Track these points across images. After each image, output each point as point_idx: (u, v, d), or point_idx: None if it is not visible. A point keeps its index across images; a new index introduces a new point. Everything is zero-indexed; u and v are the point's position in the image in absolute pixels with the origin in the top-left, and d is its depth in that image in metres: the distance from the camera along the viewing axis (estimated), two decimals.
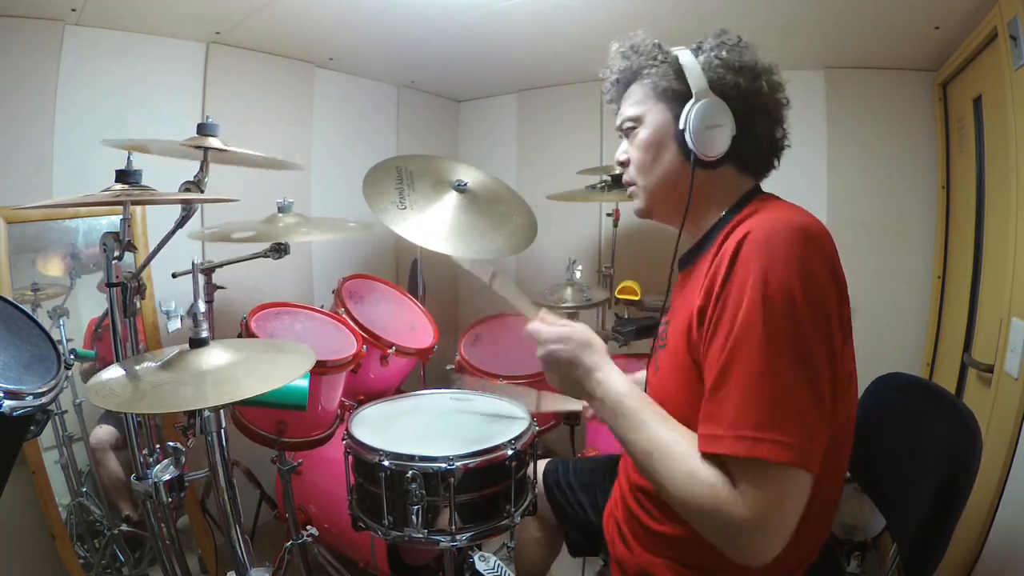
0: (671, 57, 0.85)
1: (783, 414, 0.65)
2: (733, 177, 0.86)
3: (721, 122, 0.80)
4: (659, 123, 0.86)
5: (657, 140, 0.86)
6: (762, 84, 0.82)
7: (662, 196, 0.89)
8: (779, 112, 0.85)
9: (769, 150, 0.87)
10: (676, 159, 0.85)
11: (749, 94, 0.82)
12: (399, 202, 1.79)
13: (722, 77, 0.81)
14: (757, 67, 0.83)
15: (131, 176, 1.00)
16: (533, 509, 1.16)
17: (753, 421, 0.65)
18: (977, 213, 1.63)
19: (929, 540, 0.86)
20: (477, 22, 1.78)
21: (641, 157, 0.89)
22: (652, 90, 0.86)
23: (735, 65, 0.82)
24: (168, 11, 1.63)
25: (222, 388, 0.85)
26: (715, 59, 0.82)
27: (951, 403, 0.96)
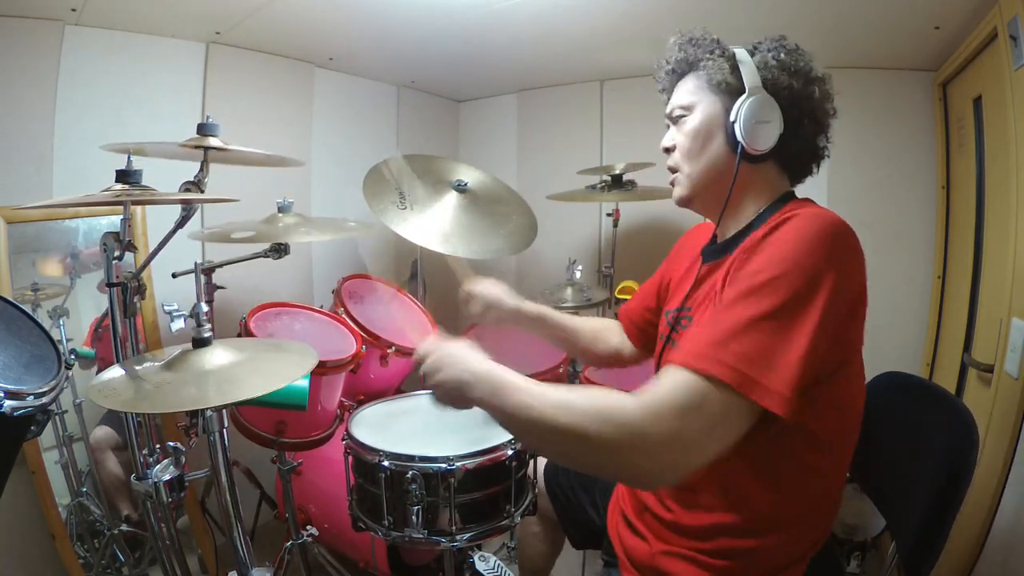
0: (728, 52, 0.88)
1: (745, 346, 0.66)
2: (773, 175, 0.89)
3: (770, 119, 0.83)
4: (710, 113, 0.88)
5: (706, 129, 0.88)
6: (814, 90, 0.85)
7: (704, 185, 0.90)
8: (826, 120, 0.88)
9: (811, 155, 0.90)
10: (723, 149, 0.87)
11: (800, 97, 0.84)
12: (399, 202, 1.79)
13: (776, 77, 0.84)
14: (811, 74, 0.86)
15: (131, 176, 1.00)
16: (533, 509, 1.16)
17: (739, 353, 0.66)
18: (977, 213, 1.63)
19: (927, 539, 0.86)
20: (477, 22, 1.78)
21: (688, 144, 0.90)
22: (707, 82, 0.88)
23: (790, 68, 0.84)
24: (168, 11, 1.63)
25: (224, 388, 0.85)
26: (771, 59, 0.85)
27: (950, 403, 0.96)
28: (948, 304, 1.85)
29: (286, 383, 0.85)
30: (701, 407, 0.65)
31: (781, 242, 0.72)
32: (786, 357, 0.66)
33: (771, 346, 0.66)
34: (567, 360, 1.81)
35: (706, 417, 0.66)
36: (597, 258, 2.51)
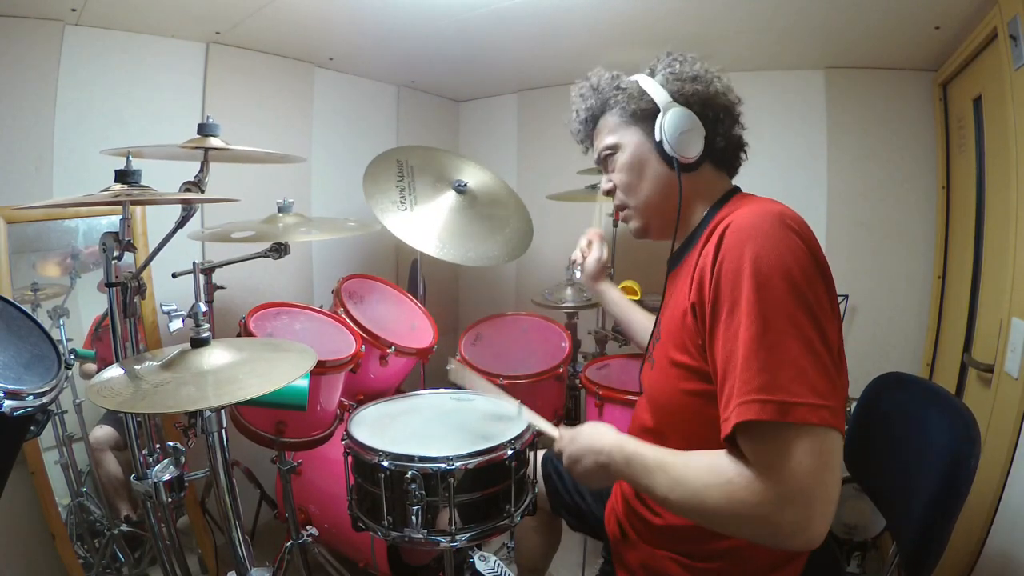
0: (631, 83, 0.94)
1: (786, 375, 0.65)
2: (711, 175, 0.93)
3: (691, 126, 0.88)
4: (636, 143, 0.93)
5: (638, 158, 0.93)
6: (715, 85, 0.90)
7: (655, 209, 0.95)
8: (735, 109, 0.93)
9: (736, 146, 0.94)
10: (661, 170, 0.92)
11: (707, 97, 0.89)
12: (399, 202, 1.79)
13: (681, 88, 0.89)
14: (708, 74, 0.91)
15: (131, 176, 1.00)
16: (533, 509, 1.16)
17: (755, 386, 0.66)
18: (977, 213, 1.63)
19: (928, 539, 0.86)
20: (477, 22, 1.78)
21: (626, 179, 0.95)
22: (621, 117, 0.94)
23: (689, 75, 0.90)
24: (168, 11, 1.63)
25: (223, 388, 0.85)
26: (670, 74, 0.90)
27: (951, 403, 0.96)
28: (948, 304, 1.85)
29: (285, 383, 0.85)
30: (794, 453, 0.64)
31: (731, 254, 0.72)
32: (798, 364, 0.66)
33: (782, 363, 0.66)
34: (567, 360, 1.81)
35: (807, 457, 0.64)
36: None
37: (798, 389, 0.64)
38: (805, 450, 0.63)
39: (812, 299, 0.69)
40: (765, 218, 0.73)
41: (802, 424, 0.63)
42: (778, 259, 0.69)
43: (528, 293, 2.41)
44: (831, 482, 0.64)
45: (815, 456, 0.63)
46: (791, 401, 0.64)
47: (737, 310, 0.70)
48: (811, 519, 0.63)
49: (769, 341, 0.66)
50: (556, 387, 1.80)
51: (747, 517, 0.67)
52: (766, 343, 0.66)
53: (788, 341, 0.66)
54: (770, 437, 0.65)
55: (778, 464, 0.64)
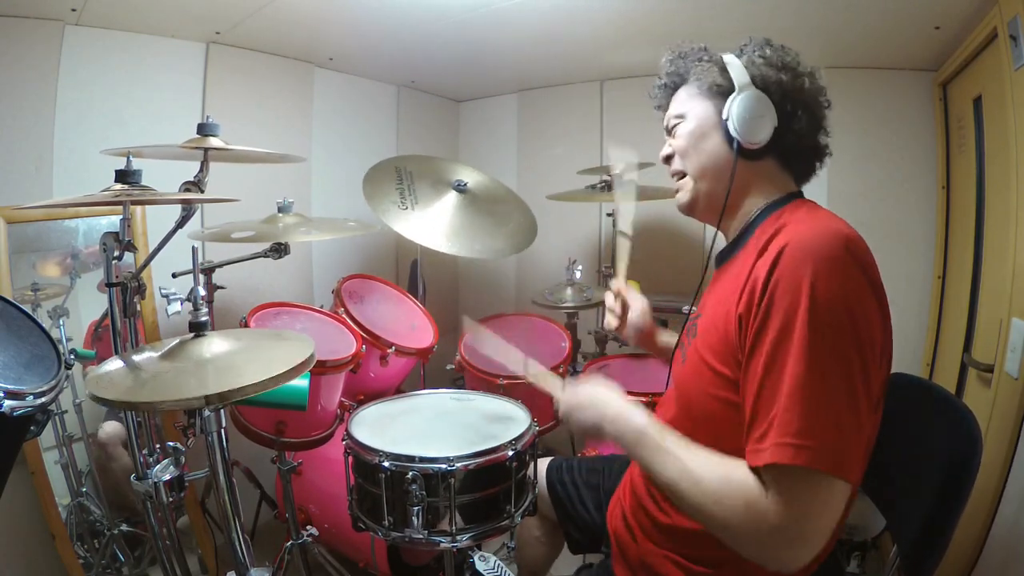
0: (716, 57, 0.90)
1: (824, 423, 0.66)
2: (774, 171, 0.88)
3: (763, 113, 0.83)
4: (703, 115, 0.89)
5: (701, 130, 0.89)
6: (804, 81, 0.85)
7: (705, 186, 0.91)
8: (820, 112, 0.87)
9: (811, 151, 0.89)
10: (720, 147, 0.88)
11: (791, 90, 0.84)
12: (400, 202, 1.79)
13: (764, 73, 0.84)
14: (799, 67, 0.86)
15: (131, 176, 1.00)
16: (533, 509, 1.16)
17: (795, 429, 0.66)
18: (977, 213, 1.63)
19: (929, 540, 0.86)
20: (477, 22, 1.78)
21: (685, 145, 0.91)
22: (698, 89, 0.90)
23: (777, 63, 0.85)
24: (168, 11, 1.63)
25: (223, 376, 0.84)
26: (758, 57, 0.86)
27: (951, 403, 0.96)
28: (948, 304, 1.85)
29: (284, 369, 0.84)
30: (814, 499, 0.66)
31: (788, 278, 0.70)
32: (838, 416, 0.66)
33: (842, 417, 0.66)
34: (567, 360, 1.81)
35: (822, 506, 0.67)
36: (597, 258, 2.51)
37: (831, 441, 0.65)
38: (823, 498, 0.66)
39: (867, 345, 0.68)
40: (829, 241, 0.70)
41: (827, 474, 0.65)
42: (839, 296, 0.67)
43: (528, 293, 2.41)
44: (830, 528, 0.68)
45: (829, 504, 0.67)
46: (824, 449, 0.65)
47: (787, 342, 0.68)
48: (802, 558, 0.68)
49: (816, 387, 0.66)
50: None
51: (748, 537, 0.69)
52: (812, 388, 0.66)
53: (835, 392, 0.67)
54: (796, 478, 0.66)
55: (796, 505, 0.66)
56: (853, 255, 0.70)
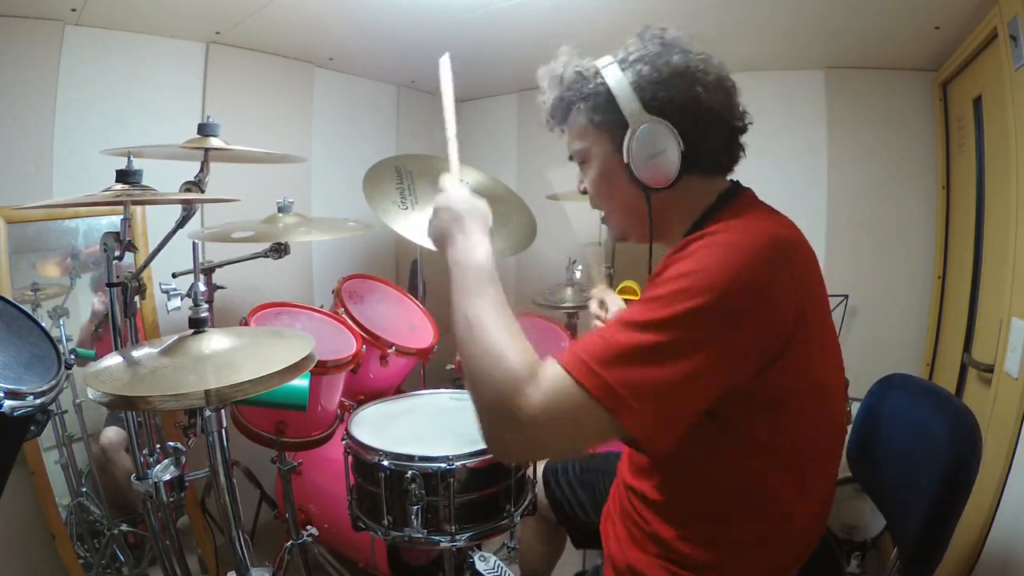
0: (598, 83, 0.79)
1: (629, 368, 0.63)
2: (698, 185, 0.81)
3: (664, 146, 0.75)
4: (604, 155, 0.82)
5: (606, 175, 0.84)
6: (698, 90, 0.75)
7: (628, 222, 0.88)
8: (727, 103, 0.79)
9: (728, 144, 0.82)
10: (630, 189, 0.80)
11: (687, 104, 0.75)
12: (400, 202, 1.79)
13: (655, 94, 0.75)
14: (688, 70, 0.76)
15: (131, 176, 1.00)
16: (533, 509, 1.16)
17: (600, 356, 0.64)
18: (977, 213, 1.63)
19: (929, 540, 0.86)
20: (477, 22, 1.78)
21: (596, 191, 0.87)
22: (589, 122, 0.82)
23: (663, 76, 0.76)
24: (168, 11, 1.63)
25: (223, 372, 0.84)
26: (643, 73, 0.76)
27: (951, 403, 0.95)
28: (948, 304, 1.85)
29: (284, 366, 0.84)
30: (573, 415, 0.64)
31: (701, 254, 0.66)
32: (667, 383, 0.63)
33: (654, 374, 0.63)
34: None
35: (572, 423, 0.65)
36: (597, 258, 2.51)
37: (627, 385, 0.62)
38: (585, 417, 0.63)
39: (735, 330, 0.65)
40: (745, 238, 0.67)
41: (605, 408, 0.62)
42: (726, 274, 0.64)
43: (528, 293, 2.41)
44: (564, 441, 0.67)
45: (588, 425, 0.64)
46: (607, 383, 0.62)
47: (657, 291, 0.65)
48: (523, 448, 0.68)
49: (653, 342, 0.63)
50: None
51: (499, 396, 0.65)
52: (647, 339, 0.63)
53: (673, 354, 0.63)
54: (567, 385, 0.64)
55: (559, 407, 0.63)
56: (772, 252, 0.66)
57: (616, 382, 0.62)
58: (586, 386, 0.63)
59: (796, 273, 0.69)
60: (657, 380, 0.63)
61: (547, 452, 0.67)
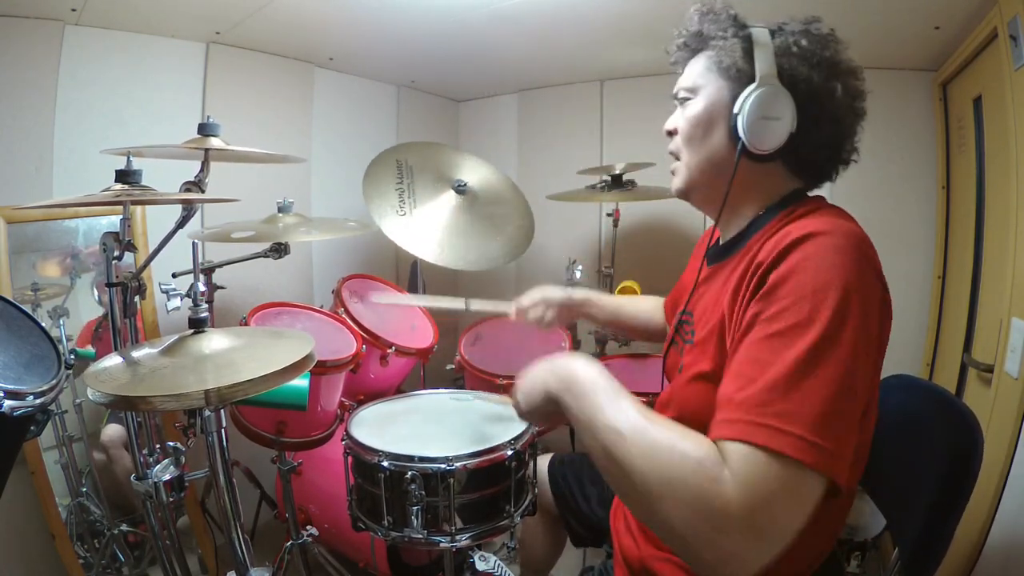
0: (745, 32, 0.78)
1: (813, 411, 0.58)
2: (781, 176, 0.80)
3: (780, 115, 0.73)
4: (715, 100, 0.79)
5: (708, 117, 0.80)
6: (837, 86, 0.75)
7: (702, 178, 0.84)
8: (850, 120, 0.78)
9: (829, 159, 0.81)
10: (724, 142, 0.79)
11: (820, 93, 0.74)
12: (399, 207, 1.79)
13: (795, 67, 0.74)
14: (839, 66, 0.76)
15: (131, 176, 1.00)
16: (533, 509, 1.16)
17: (778, 409, 0.58)
18: (977, 213, 1.63)
19: (930, 541, 0.86)
20: (477, 22, 1.78)
21: (689, 131, 0.83)
22: (716, 64, 0.79)
23: (813, 57, 0.74)
24: (168, 11, 1.63)
25: (223, 372, 0.83)
26: (793, 45, 0.74)
27: (952, 404, 0.96)
28: (948, 304, 1.85)
29: (284, 366, 0.84)
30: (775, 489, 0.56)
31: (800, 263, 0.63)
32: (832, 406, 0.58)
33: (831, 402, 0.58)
34: None
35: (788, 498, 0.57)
36: (597, 258, 2.51)
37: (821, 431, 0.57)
38: (792, 488, 0.57)
39: (875, 347, 0.64)
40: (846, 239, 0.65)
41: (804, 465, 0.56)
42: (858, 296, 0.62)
43: None
44: (794, 524, 0.57)
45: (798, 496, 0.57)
46: (809, 440, 0.56)
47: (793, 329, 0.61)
48: (754, 557, 0.56)
49: (811, 375, 0.59)
50: None
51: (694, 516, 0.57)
52: (808, 375, 0.59)
53: (832, 383, 0.59)
54: (765, 463, 0.57)
55: (760, 488, 0.56)
56: (865, 254, 0.66)
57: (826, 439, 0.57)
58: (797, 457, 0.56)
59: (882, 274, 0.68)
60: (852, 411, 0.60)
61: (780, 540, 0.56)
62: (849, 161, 0.83)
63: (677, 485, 0.58)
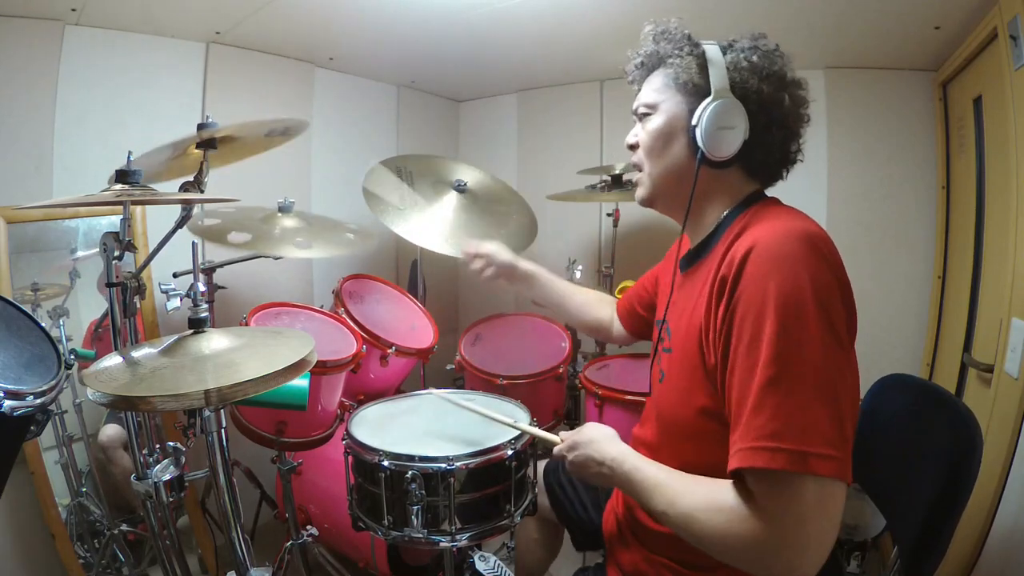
0: (698, 50, 0.85)
1: (800, 423, 0.64)
2: (738, 180, 0.86)
3: (734, 124, 0.80)
4: (674, 113, 0.86)
5: (668, 130, 0.86)
6: (784, 96, 0.82)
7: (665, 187, 0.90)
8: (797, 126, 0.85)
9: (779, 161, 0.87)
10: (684, 153, 0.85)
11: (770, 103, 0.81)
12: (399, 204, 1.79)
13: (746, 80, 0.80)
14: (786, 78, 0.83)
15: (131, 176, 1.00)
16: (533, 509, 1.16)
17: (769, 431, 0.64)
18: (977, 213, 1.63)
19: (930, 540, 0.86)
20: (477, 22, 1.78)
21: (651, 143, 0.89)
22: (673, 80, 0.86)
23: (762, 71, 0.81)
24: (168, 11, 1.63)
25: (223, 372, 0.84)
26: (743, 60, 0.81)
27: (952, 404, 0.96)
28: (948, 304, 1.85)
29: (284, 366, 0.84)
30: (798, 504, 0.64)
31: (754, 282, 0.69)
32: (813, 412, 0.65)
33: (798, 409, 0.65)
34: (567, 361, 1.81)
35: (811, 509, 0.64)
36: (597, 258, 2.51)
37: (810, 438, 0.64)
38: (810, 498, 0.64)
39: (835, 339, 0.67)
40: (792, 241, 0.69)
41: (809, 474, 0.63)
42: (803, 294, 0.66)
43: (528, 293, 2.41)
44: (829, 530, 0.65)
45: (818, 505, 0.64)
46: (801, 451, 0.63)
47: (757, 347, 0.67)
48: (803, 562, 0.65)
49: (785, 387, 0.65)
50: (556, 387, 1.80)
51: (739, 551, 0.68)
52: (782, 388, 0.65)
53: (807, 388, 0.65)
54: (776, 482, 0.65)
55: (780, 510, 0.64)
56: (816, 250, 0.69)
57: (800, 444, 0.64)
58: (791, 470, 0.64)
59: (838, 264, 0.73)
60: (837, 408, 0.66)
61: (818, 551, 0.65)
62: (796, 160, 0.89)
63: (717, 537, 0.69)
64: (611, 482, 0.84)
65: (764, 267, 0.69)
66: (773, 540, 0.64)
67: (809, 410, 0.64)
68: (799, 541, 0.64)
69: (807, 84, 0.85)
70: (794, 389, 0.65)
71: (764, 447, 0.64)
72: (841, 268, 0.72)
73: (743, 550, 0.67)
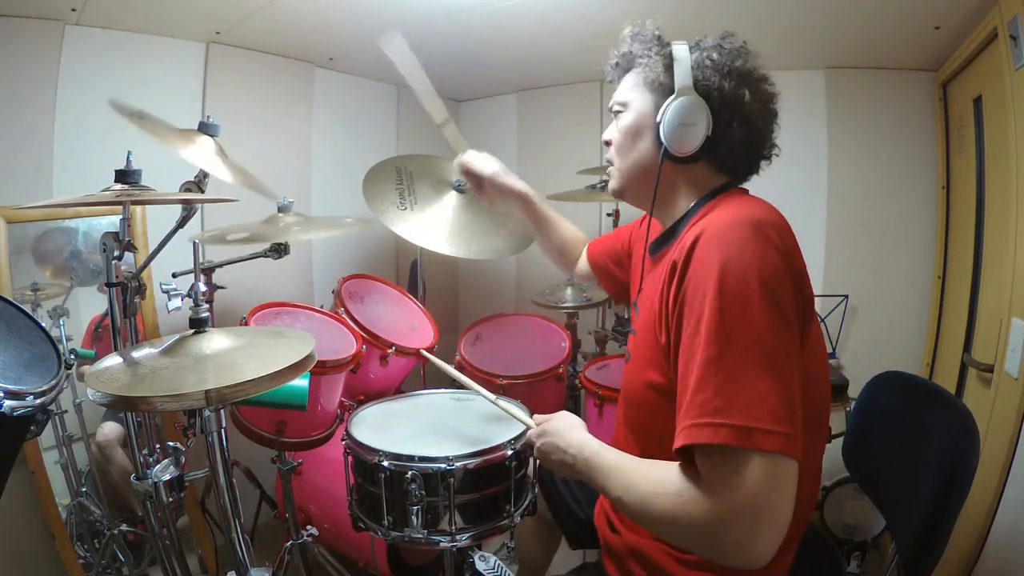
0: (666, 50, 0.88)
1: (744, 398, 0.64)
2: (707, 174, 0.89)
3: (696, 120, 0.82)
4: (642, 111, 0.89)
5: (636, 127, 0.90)
6: (745, 92, 0.83)
7: (632, 180, 0.94)
8: (762, 122, 0.86)
9: (747, 156, 0.88)
10: (650, 149, 0.89)
11: (730, 99, 0.83)
12: (399, 203, 1.79)
13: (708, 78, 0.83)
14: (747, 75, 0.84)
15: (131, 176, 1.00)
16: (533, 509, 1.16)
17: (712, 407, 0.65)
18: (977, 213, 1.63)
19: (928, 540, 0.86)
20: (477, 22, 1.78)
21: (620, 139, 0.94)
22: (643, 79, 0.89)
23: (724, 68, 0.83)
24: (168, 11, 1.63)
25: (223, 372, 0.84)
26: (707, 59, 0.84)
27: (950, 403, 0.96)
28: (948, 304, 1.85)
29: (284, 366, 0.84)
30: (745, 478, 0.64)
31: (700, 265, 0.71)
32: (757, 388, 0.65)
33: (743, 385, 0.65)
34: (567, 361, 1.81)
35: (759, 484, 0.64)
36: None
37: (755, 413, 0.64)
38: (756, 473, 0.63)
39: (780, 318, 0.67)
40: (738, 226, 0.71)
41: (756, 450, 0.63)
42: (747, 274, 0.67)
43: (528, 293, 2.41)
44: (780, 504, 0.64)
45: (766, 479, 0.63)
46: (746, 426, 0.63)
47: (700, 326, 0.68)
48: (755, 539, 0.64)
49: (729, 363, 0.65)
50: (556, 387, 1.80)
51: (691, 530, 0.68)
52: (725, 364, 0.65)
53: (749, 363, 0.65)
54: (721, 459, 0.65)
55: (727, 484, 0.64)
56: (762, 235, 0.70)
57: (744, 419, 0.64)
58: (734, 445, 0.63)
59: (788, 247, 0.72)
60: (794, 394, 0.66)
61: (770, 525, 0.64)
62: (770, 156, 0.90)
63: (668, 520, 0.70)
64: (574, 470, 0.86)
65: (710, 251, 0.70)
66: (721, 519, 0.64)
67: (754, 386, 0.64)
68: (748, 520, 0.63)
69: (771, 81, 0.87)
70: (738, 365, 0.65)
71: (707, 423, 0.65)
72: (794, 254, 0.73)
73: (693, 531, 0.67)
